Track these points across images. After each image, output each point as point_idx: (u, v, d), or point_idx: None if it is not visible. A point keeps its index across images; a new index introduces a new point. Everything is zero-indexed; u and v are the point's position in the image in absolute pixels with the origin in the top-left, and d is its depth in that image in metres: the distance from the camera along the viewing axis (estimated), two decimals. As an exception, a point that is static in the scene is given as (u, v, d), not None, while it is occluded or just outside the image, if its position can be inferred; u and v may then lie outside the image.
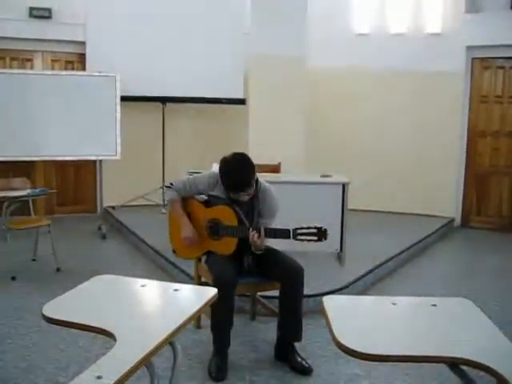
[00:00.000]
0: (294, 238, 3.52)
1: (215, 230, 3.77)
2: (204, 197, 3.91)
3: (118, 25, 8.05)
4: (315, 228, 3.51)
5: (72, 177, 8.64)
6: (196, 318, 4.01)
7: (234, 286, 3.49)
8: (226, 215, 3.71)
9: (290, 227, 3.54)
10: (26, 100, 6.98)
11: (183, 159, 7.93)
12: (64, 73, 7.73)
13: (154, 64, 8.10)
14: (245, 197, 3.65)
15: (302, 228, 3.51)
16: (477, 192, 8.37)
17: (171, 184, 3.92)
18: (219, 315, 3.50)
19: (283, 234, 3.55)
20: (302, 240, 3.52)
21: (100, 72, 7.42)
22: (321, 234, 3.51)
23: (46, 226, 5.72)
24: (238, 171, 3.58)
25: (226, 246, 3.71)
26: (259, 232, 3.54)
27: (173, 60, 8.17)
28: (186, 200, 3.94)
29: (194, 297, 2.69)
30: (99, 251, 6.71)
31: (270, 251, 3.77)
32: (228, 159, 3.65)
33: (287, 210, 3.90)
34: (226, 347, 3.56)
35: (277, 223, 3.75)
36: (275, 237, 3.58)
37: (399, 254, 6.20)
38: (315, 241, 3.51)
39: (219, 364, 3.49)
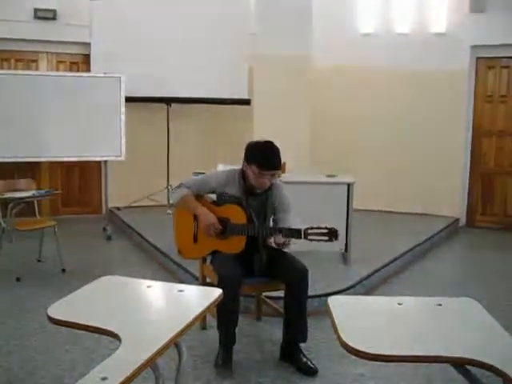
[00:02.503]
0: (305, 237, 3.51)
1: (223, 228, 3.77)
2: (211, 196, 3.92)
3: (122, 26, 8.06)
4: (326, 228, 3.50)
5: (77, 178, 8.67)
6: (201, 319, 4.01)
7: (238, 285, 3.49)
8: (235, 214, 3.70)
9: (301, 227, 3.54)
10: (31, 101, 6.99)
11: (188, 160, 7.93)
12: (69, 74, 7.77)
13: (158, 65, 8.09)
14: (267, 182, 3.67)
15: (313, 228, 3.50)
16: (482, 191, 8.36)
17: (181, 184, 3.93)
18: (225, 315, 3.50)
19: (294, 233, 3.54)
20: (313, 240, 3.51)
21: (105, 73, 7.43)
22: (332, 235, 3.50)
23: (51, 227, 5.73)
24: (273, 148, 3.67)
25: (235, 244, 3.70)
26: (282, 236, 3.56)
27: (177, 61, 8.15)
28: (198, 199, 3.91)
29: (198, 297, 2.69)
30: (104, 252, 6.71)
31: (275, 251, 3.77)
32: (259, 141, 3.73)
33: (293, 209, 3.89)
34: (231, 345, 3.57)
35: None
36: (287, 236, 3.57)
37: (404, 253, 6.19)
38: (326, 241, 3.50)
39: (225, 360, 3.52)
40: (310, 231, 3.50)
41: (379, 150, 8.50)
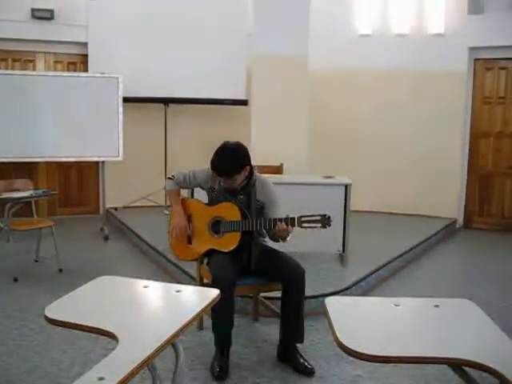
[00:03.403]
0: (299, 225, 3.51)
1: (217, 227, 3.77)
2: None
3: (120, 26, 8.06)
4: (319, 215, 3.50)
5: (74, 178, 8.66)
6: (198, 319, 4.00)
7: (232, 286, 3.49)
8: (230, 211, 3.71)
9: (294, 216, 3.54)
10: (29, 101, 6.98)
11: (185, 160, 7.90)
12: (66, 74, 7.73)
13: (156, 65, 8.11)
14: (230, 183, 3.69)
15: (307, 216, 3.51)
16: (479, 193, 8.36)
17: (172, 176, 4.02)
18: (219, 316, 3.50)
19: (288, 222, 3.53)
20: (307, 227, 3.51)
21: (102, 73, 7.42)
22: (325, 221, 3.50)
23: (48, 227, 5.72)
24: (221, 157, 3.65)
25: (229, 241, 3.70)
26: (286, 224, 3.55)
27: (175, 61, 8.16)
28: (189, 201, 4.03)
29: (196, 298, 2.69)
30: (101, 252, 6.70)
31: (272, 252, 3.77)
32: (222, 144, 3.72)
33: (290, 211, 3.87)
34: (227, 347, 3.57)
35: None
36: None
37: (402, 255, 6.19)
38: (320, 227, 3.50)
39: (221, 364, 3.49)
40: (303, 219, 3.51)
41: (377, 151, 8.51)
